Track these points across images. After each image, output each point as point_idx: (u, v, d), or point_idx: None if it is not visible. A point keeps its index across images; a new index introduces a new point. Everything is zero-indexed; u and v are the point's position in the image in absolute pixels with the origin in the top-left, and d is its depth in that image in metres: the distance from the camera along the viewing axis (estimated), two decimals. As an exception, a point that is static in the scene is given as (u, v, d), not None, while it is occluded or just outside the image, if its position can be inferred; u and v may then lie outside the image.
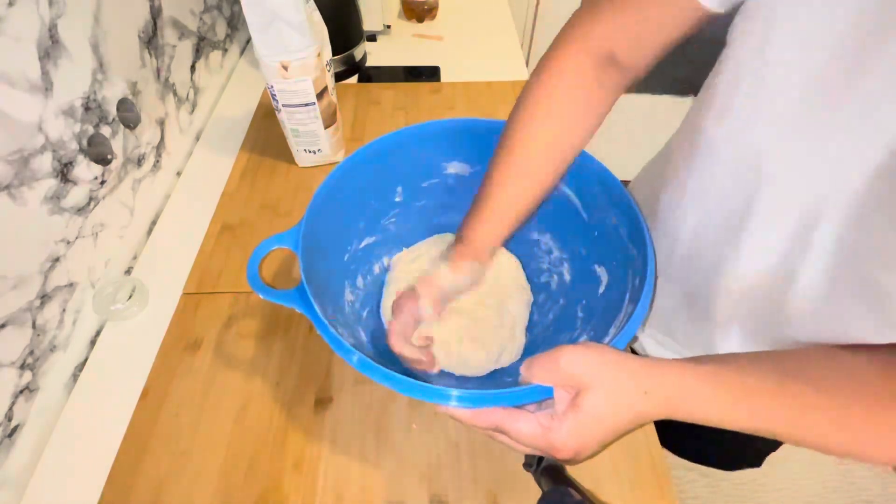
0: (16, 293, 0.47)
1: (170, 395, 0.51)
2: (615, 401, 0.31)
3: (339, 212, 0.51)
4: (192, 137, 0.80)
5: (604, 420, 0.31)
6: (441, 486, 0.46)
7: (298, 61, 0.62)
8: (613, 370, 0.31)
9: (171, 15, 0.72)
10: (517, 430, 0.32)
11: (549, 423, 0.31)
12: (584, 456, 0.32)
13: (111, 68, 0.59)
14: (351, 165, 0.51)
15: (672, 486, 0.46)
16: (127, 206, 0.63)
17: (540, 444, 0.31)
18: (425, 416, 0.51)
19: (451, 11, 1.09)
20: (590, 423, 0.30)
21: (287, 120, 0.68)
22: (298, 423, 0.50)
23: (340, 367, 0.54)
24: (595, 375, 0.31)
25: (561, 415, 0.31)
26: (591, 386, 0.31)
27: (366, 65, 0.96)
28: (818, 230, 0.35)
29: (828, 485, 1.27)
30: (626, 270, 0.45)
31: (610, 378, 0.31)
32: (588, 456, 0.32)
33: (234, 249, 0.64)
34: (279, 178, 0.73)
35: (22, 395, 0.48)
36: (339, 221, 0.52)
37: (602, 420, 0.31)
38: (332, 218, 0.50)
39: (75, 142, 0.53)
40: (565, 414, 0.31)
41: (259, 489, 0.46)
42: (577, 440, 0.31)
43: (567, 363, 0.31)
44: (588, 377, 0.31)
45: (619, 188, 0.47)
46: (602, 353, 0.32)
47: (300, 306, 0.41)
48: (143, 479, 0.46)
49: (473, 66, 0.95)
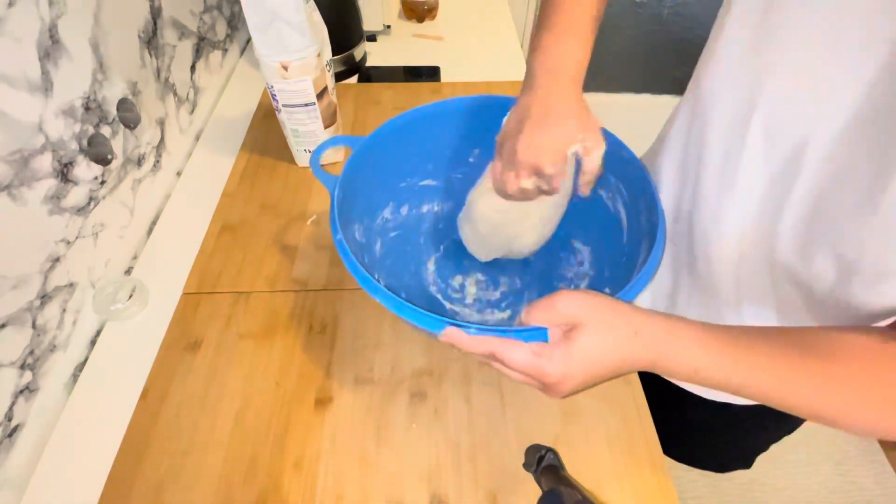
0: (16, 293, 0.47)
1: (170, 395, 0.51)
2: (604, 337, 0.32)
3: (413, 143, 0.55)
4: (192, 137, 0.80)
5: (591, 354, 0.32)
6: (441, 486, 0.46)
7: (298, 61, 0.62)
8: (606, 310, 0.33)
9: (171, 15, 0.72)
10: (510, 358, 0.33)
11: (541, 350, 0.33)
12: (568, 387, 0.33)
13: (111, 68, 0.59)
14: (441, 110, 0.54)
15: (672, 486, 0.46)
16: (127, 206, 0.63)
17: (530, 370, 0.33)
18: (425, 416, 0.51)
19: (451, 11, 1.10)
20: (578, 355, 0.32)
21: (287, 120, 0.68)
22: (298, 423, 0.50)
23: (340, 367, 0.54)
24: (588, 314, 0.33)
25: (552, 345, 0.33)
26: (584, 323, 0.32)
27: (366, 65, 0.96)
28: (799, 177, 0.37)
29: (828, 485, 1.27)
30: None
31: (601, 317, 0.33)
32: (571, 390, 0.33)
33: (234, 249, 0.64)
34: (279, 178, 0.73)
35: (22, 395, 0.48)
36: (408, 150, 0.56)
37: (589, 354, 0.32)
38: (403, 145, 0.54)
39: (75, 142, 0.53)
40: (557, 345, 0.33)
41: (259, 489, 0.46)
42: (565, 369, 0.32)
43: (563, 304, 0.33)
44: (581, 316, 0.33)
45: (659, 213, 0.44)
46: (596, 296, 0.34)
47: (331, 189, 0.46)
48: (143, 479, 0.46)
49: (473, 66, 0.95)
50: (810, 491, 1.26)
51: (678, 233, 0.51)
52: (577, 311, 0.33)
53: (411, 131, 0.54)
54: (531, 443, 0.44)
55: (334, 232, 0.42)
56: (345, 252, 0.41)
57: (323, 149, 0.51)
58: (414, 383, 0.53)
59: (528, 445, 0.43)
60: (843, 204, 0.35)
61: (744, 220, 0.43)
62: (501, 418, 0.50)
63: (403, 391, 0.52)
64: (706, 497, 1.24)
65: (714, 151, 0.44)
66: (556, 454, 0.40)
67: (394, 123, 0.52)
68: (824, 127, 0.35)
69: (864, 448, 1.33)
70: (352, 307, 0.59)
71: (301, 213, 0.69)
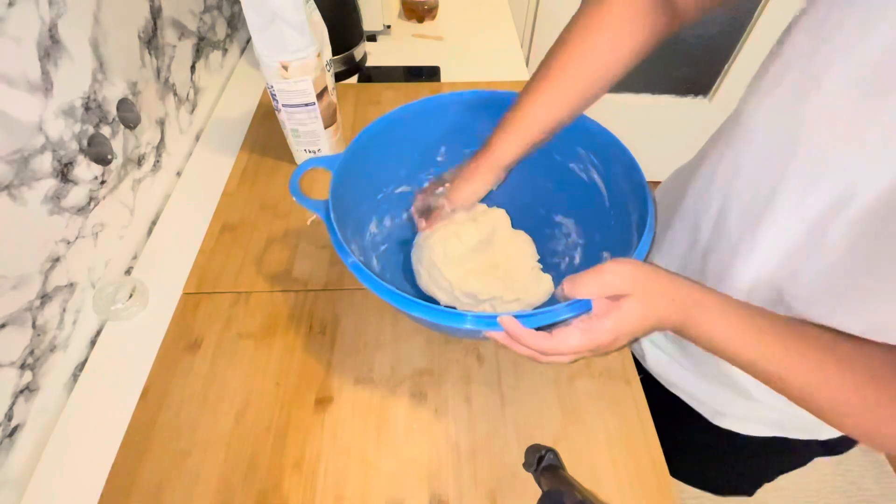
0: (16, 293, 0.47)
1: (170, 395, 0.51)
2: (647, 305, 0.36)
3: (384, 153, 0.56)
4: (192, 137, 0.80)
5: (636, 320, 0.36)
6: (441, 486, 0.46)
7: (298, 61, 0.62)
8: (648, 281, 0.37)
9: (171, 15, 0.72)
10: (569, 345, 0.36)
11: (590, 326, 0.36)
12: (615, 347, 0.37)
13: (111, 68, 0.59)
14: (403, 114, 0.55)
15: (672, 486, 0.46)
16: (127, 206, 0.63)
17: (586, 347, 0.36)
18: (425, 416, 0.51)
19: (451, 11, 1.10)
20: (627, 322, 0.36)
21: (287, 120, 0.68)
22: (298, 423, 0.50)
23: (340, 367, 0.54)
24: (633, 285, 0.36)
25: (602, 316, 0.36)
26: (631, 293, 0.36)
27: (366, 65, 0.96)
28: (835, 224, 0.35)
29: (828, 485, 1.27)
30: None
31: (645, 286, 0.36)
32: (616, 348, 0.38)
33: (234, 249, 0.64)
34: (279, 178, 0.73)
35: (22, 395, 0.48)
36: (381, 161, 0.57)
37: (635, 320, 0.36)
38: (376, 156, 0.55)
39: (75, 142, 0.53)
40: (607, 315, 0.36)
41: (259, 489, 0.46)
42: (616, 331, 0.36)
43: (610, 277, 0.36)
44: (627, 287, 0.36)
45: (640, 174, 0.48)
46: (637, 266, 0.37)
47: (323, 215, 0.47)
48: (143, 479, 0.46)
49: (473, 66, 0.95)
50: (810, 491, 1.26)
51: (692, 258, 0.50)
52: (623, 283, 0.36)
53: (381, 142, 0.55)
54: (531, 443, 0.44)
55: (344, 257, 0.43)
56: (362, 273, 0.41)
57: (299, 173, 0.50)
58: (414, 383, 0.53)
59: (528, 445, 0.43)
60: (882, 265, 0.32)
61: (762, 265, 0.41)
62: (501, 418, 0.50)
63: (403, 391, 0.52)
64: (706, 497, 1.24)
65: (744, 188, 0.42)
66: (556, 454, 0.40)
67: (364, 136, 0.52)
68: (871, 180, 0.32)
69: (864, 448, 1.33)
70: (352, 307, 0.59)
71: (301, 213, 0.68)
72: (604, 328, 0.36)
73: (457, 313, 0.38)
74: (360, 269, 0.41)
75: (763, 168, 0.40)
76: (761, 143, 0.40)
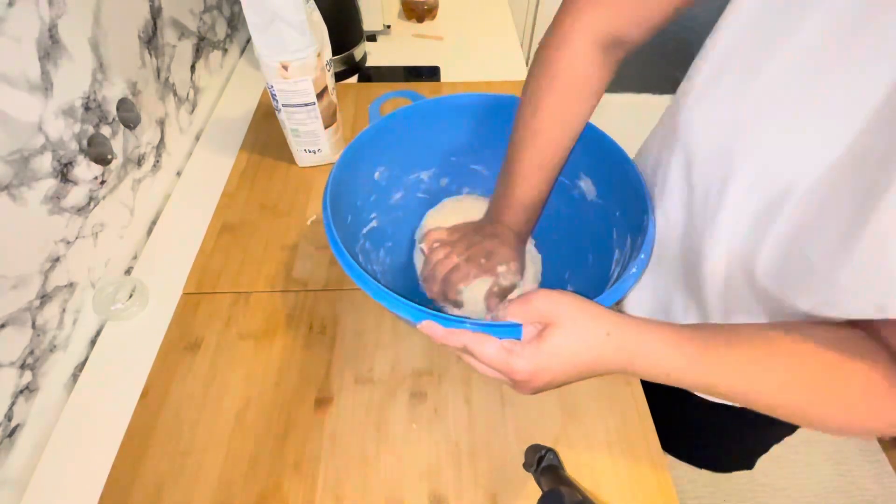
0: (16, 293, 0.47)
1: (170, 395, 0.51)
2: (576, 338, 0.33)
3: (383, 153, 0.57)
4: (192, 137, 0.80)
5: (562, 354, 0.33)
6: (441, 486, 0.46)
7: (298, 61, 0.62)
8: (579, 311, 0.34)
9: (171, 15, 0.72)
10: (481, 352, 0.34)
11: (512, 347, 0.34)
12: (537, 384, 0.34)
13: (111, 68, 0.59)
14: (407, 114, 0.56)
15: (672, 486, 0.46)
16: (127, 206, 0.63)
17: (499, 365, 0.34)
18: (425, 416, 0.51)
19: (451, 11, 1.09)
20: (549, 354, 0.33)
21: (287, 120, 0.68)
22: (298, 423, 0.50)
23: (340, 367, 0.54)
24: (562, 314, 0.34)
25: (525, 343, 0.34)
26: (557, 323, 0.34)
27: (366, 65, 0.96)
28: (779, 217, 0.36)
29: (828, 485, 1.27)
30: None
31: (575, 317, 0.34)
32: (540, 387, 0.35)
33: (234, 249, 0.64)
34: (279, 178, 0.73)
35: (22, 395, 0.48)
36: (380, 161, 0.57)
37: (561, 353, 0.33)
38: (375, 157, 0.56)
39: (75, 142, 0.53)
40: (529, 342, 0.34)
41: (259, 489, 0.46)
42: (535, 366, 0.33)
43: (539, 302, 0.34)
44: (555, 315, 0.34)
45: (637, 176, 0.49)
46: (571, 297, 0.35)
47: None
48: (143, 479, 0.46)
49: (473, 66, 0.95)
50: (810, 491, 1.26)
51: (672, 238, 0.50)
52: (552, 310, 0.34)
53: (382, 142, 0.55)
54: (531, 443, 0.44)
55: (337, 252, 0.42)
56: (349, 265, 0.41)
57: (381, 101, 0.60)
58: (414, 383, 0.53)
59: (528, 445, 0.43)
60: (819, 247, 0.33)
61: (728, 250, 0.42)
62: (501, 418, 0.50)
63: (403, 391, 0.52)
64: (706, 497, 1.24)
65: (697, 185, 0.43)
66: (556, 454, 0.40)
67: (365, 136, 0.52)
68: (809, 171, 0.33)
69: (863, 448, 1.33)
70: (352, 307, 0.59)
71: (301, 213, 0.68)
72: (521, 355, 0.33)
73: (392, 296, 0.37)
74: (342, 252, 0.41)
75: (711, 170, 0.41)
76: (703, 143, 0.41)
